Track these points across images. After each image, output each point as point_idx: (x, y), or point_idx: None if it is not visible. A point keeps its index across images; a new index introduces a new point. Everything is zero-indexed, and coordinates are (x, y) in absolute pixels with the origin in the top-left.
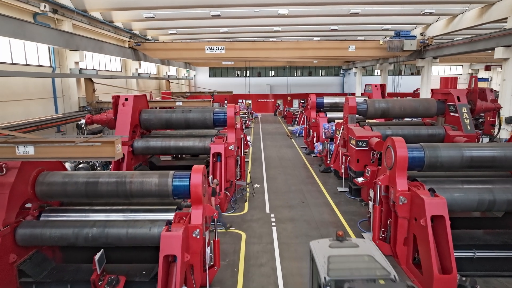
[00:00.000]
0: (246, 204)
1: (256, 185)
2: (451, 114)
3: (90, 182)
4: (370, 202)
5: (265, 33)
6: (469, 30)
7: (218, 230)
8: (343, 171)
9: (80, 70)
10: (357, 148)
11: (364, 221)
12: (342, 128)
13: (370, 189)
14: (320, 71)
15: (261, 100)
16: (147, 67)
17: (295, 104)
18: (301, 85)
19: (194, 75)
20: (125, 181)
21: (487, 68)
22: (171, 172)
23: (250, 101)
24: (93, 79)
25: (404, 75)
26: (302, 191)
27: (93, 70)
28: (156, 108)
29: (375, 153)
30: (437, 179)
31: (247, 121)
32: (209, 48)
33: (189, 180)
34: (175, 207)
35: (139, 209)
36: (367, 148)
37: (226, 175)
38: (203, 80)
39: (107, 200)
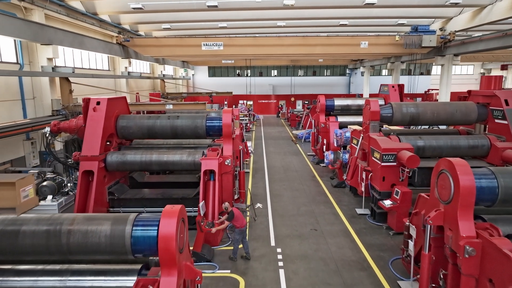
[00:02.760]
0: (246, 232)
1: (258, 204)
2: (496, 121)
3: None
4: (409, 241)
5: (267, 28)
6: (494, 25)
7: (210, 274)
8: (363, 189)
9: (54, 68)
10: (382, 164)
11: (397, 260)
12: (361, 137)
13: (408, 222)
14: (325, 70)
15: (263, 101)
16: (140, 66)
17: (299, 105)
18: (305, 85)
19: (193, 74)
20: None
21: (503, 68)
22: (131, 216)
23: (251, 102)
24: (70, 78)
25: (414, 74)
26: (313, 213)
27: (69, 67)
28: (144, 112)
29: (406, 170)
30: (509, 216)
31: (248, 124)
32: (206, 44)
33: (157, 231)
34: (138, 267)
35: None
36: (395, 164)
37: (221, 196)
38: (202, 80)
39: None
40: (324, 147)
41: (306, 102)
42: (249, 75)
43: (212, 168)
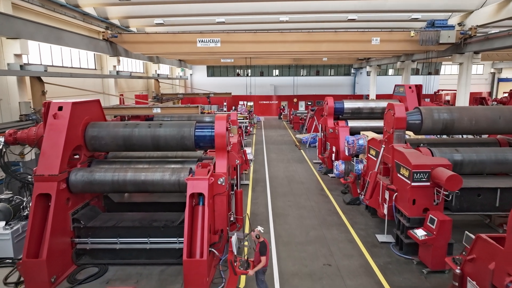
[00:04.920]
0: None
1: (259, 228)
2: None
3: None
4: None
5: (269, 24)
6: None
7: None
8: (385, 212)
9: (23, 66)
10: (413, 183)
11: None
12: (382, 148)
13: (459, 270)
14: (329, 70)
15: (264, 102)
16: (133, 65)
17: (301, 106)
18: (308, 86)
19: (191, 74)
20: None
21: None
22: None
23: (252, 103)
24: (43, 78)
25: (421, 74)
26: (325, 240)
27: (40, 65)
28: (127, 117)
29: (444, 192)
30: None
31: (248, 127)
32: (202, 41)
33: None
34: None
35: None
36: (428, 184)
37: (213, 225)
38: (201, 80)
39: None
40: (333, 155)
41: (309, 103)
42: (249, 75)
43: (201, 192)
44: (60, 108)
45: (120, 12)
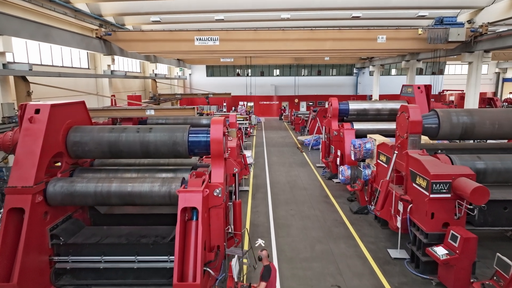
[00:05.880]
0: None
1: (260, 241)
2: None
3: None
4: None
5: (270, 21)
6: None
7: None
8: (398, 225)
9: (6, 65)
10: (431, 195)
11: None
12: (394, 154)
13: None
14: (331, 70)
15: (265, 103)
16: (129, 64)
17: (302, 107)
18: (309, 86)
19: (190, 74)
20: None
21: None
22: None
23: (252, 104)
24: (28, 77)
25: (425, 74)
26: (332, 255)
27: (25, 64)
28: (118, 120)
29: (467, 205)
30: None
31: (248, 129)
32: (200, 39)
33: None
34: None
35: None
36: (449, 196)
37: (208, 241)
38: (200, 80)
39: None
40: (338, 159)
41: (310, 103)
42: (249, 74)
43: (194, 206)
44: (37, 111)
45: (115, 9)
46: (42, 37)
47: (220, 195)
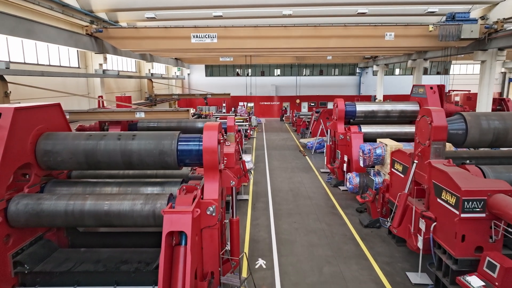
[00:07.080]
0: None
1: (260, 261)
2: None
3: None
4: None
5: (271, 18)
6: None
7: None
8: (420, 245)
9: None
10: (462, 214)
11: None
12: (413, 164)
13: None
14: (334, 69)
15: (265, 103)
16: (124, 64)
17: (304, 107)
18: (311, 86)
19: (188, 74)
20: None
21: None
22: None
23: (252, 104)
24: (6, 77)
25: (430, 74)
26: (343, 280)
27: (1, 62)
28: (106, 124)
29: (505, 227)
30: None
31: (248, 131)
32: (196, 36)
33: None
34: None
35: None
36: (484, 215)
37: (200, 267)
38: (199, 80)
39: None
40: (345, 165)
41: (312, 104)
42: (249, 74)
43: (181, 230)
44: None
45: (106, 4)
46: (24, 33)
47: (214, 214)
